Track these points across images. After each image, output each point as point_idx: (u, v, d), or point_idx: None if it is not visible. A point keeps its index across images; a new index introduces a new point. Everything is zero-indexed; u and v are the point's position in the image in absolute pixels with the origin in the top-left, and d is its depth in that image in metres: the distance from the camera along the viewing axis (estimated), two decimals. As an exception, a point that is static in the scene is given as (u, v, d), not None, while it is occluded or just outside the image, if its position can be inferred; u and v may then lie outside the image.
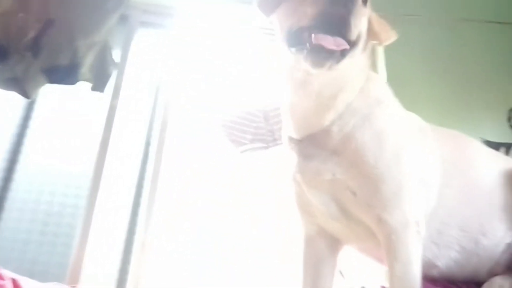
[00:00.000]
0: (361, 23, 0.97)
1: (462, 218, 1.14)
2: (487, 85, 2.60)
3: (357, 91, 1.08)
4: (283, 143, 1.21)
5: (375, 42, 1.14)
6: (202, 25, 2.70)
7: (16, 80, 2.09)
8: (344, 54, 0.94)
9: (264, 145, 2.39)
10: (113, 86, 2.36)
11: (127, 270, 2.09)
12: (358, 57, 1.04)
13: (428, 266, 1.08)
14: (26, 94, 2.14)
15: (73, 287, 1.70)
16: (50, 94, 2.31)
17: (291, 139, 1.14)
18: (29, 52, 2.09)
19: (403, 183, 1.03)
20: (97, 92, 2.28)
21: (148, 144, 2.36)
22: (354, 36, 0.95)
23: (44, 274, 2.01)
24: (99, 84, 2.28)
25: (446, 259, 1.13)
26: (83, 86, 2.27)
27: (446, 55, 2.65)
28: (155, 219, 2.21)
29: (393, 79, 1.36)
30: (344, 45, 0.93)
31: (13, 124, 2.25)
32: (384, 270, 1.05)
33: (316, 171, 1.06)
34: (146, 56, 2.56)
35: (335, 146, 1.05)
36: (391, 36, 1.13)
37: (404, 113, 1.18)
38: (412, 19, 2.57)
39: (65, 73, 2.16)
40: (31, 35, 2.09)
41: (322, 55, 0.92)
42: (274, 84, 2.46)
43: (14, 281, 1.20)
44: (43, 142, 2.28)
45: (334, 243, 1.24)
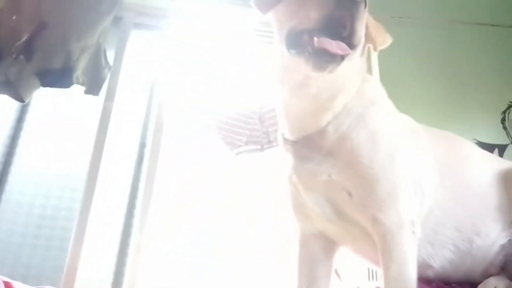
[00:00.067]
0: (362, 27, 0.97)
1: (457, 219, 1.14)
2: (480, 86, 2.62)
3: (354, 93, 1.08)
4: (279, 144, 1.21)
5: (370, 46, 1.14)
6: (197, 26, 2.70)
7: (9, 84, 2.07)
8: (344, 57, 0.93)
9: (259, 147, 2.40)
10: (107, 88, 2.35)
11: (123, 273, 2.08)
12: (356, 59, 1.05)
13: (423, 266, 1.09)
14: (19, 98, 2.12)
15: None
16: (44, 96, 2.29)
17: (286, 140, 1.14)
18: (22, 55, 2.08)
19: (397, 183, 1.03)
20: (91, 95, 2.28)
21: (143, 145, 2.35)
22: (357, 40, 0.95)
23: (39, 278, 1.99)
24: (93, 88, 2.27)
25: (441, 260, 1.14)
26: (77, 89, 2.26)
27: (440, 57, 2.67)
28: (151, 221, 2.20)
29: (386, 80, 1.36)
30: (347, 50, 0.92)
31: (7, 126, 2.23)
32: (379, 271, 1.05)
33: (312, 172, 1.06)
34: (141, 57, 2.55)
35: (331, 147, 1.05)
36: (387, 40, 1.14)
37: (398, 114, 1.18)
38: (406, 21, 2.59)
39: (58, 76, 2.15)
40: (24, 38, 2.07)
41: (324, 59, 0.92)
42: (269, 86, 2.46)
43: (7, 284, 1.19)
44: (37, 144, 2.26)
45: (330, 245, 1.23)
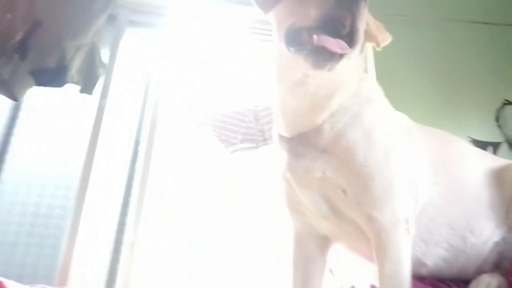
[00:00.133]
0: (361, 26, 0.97)
1: (450, 217, 1.15)
2: (475, 85, 2.63)
3: (351, 92, 1.08)
4: (274, 142, 1.21)
5: (372, 44, 1.15)
6: (192, 24, 2.69)
7: (3, 83, 2.06)
8: (343, 55, 0.93)
9: (254, 145, 2.39)
10: (101, 86, 2.34)
11: (116, 271, 2.07)
12: (355, 58, 1.05)
13: (417, 264, 1.09)
14: (13, 97, 2.11)
15: (61, 288, 1.69)
16: (37, 93, 2.28)
17: (281, 137, 1.14)
18: (16, 54, 2.07)
19: (392, 181, 1.03)
20: (86, 94, 2.27)
21: (137, 143, 2.35)
22: (356, 39, 0.95)
23: (33, 276, 1.99)
24: (87, 87, 2.26)
25: (434, 257, 1.14)
26: (70, 87, 2.25)
27: (434, 55, 2.68)
28: (145, 219, 2.19)
29: (381, 78, 1.37)
30: (347, 48, 0.92)
31: (0, 125, 2.22)
32: (374, 269, 1.05)
33: (307, 169, 1.06)
34: (135, 55, 2.54)
35: (326, 145, 1.05)
36: (387, 38, 1.15)
37: (394, 112, 1.18)
38: (400, 19, 2.59)
39: (53, 75, 2.14)
40: (18, 37, 2.06)
41: (323, 57, 0.92)
42: (265, 83, 2.46)
43: (0, 283, 1.18)
44: (31, 142, 2.25)
45: (324, 242, 1.24)
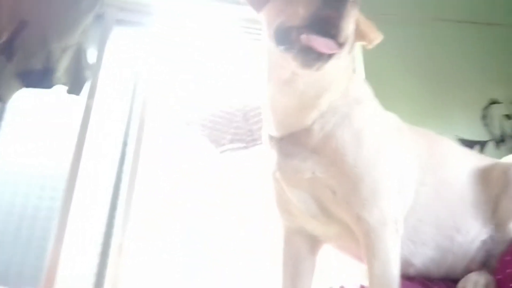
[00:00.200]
0: (350, 25, 0.98)
1: (437, 216, 1.16)
2: (462, 84, 2.66)
3: (340, 91, 1.09)
4: (263, 141, 1.20)
5: (363, 43, 1.15)
6: (180, 23, 2.68)
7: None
8: (331, 55, 0.94)
9: (244, 145, 2.39)
10: (88, 86, 2.32)
11: (104, 274, 2.05)
12: (343, 58, 1.05)
13: (405, 264, 1.09)
14: (0, 98, 2.08)
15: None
16: (24, 93, 2.25)
17: (271, 137, 1.13)
18: (2, 55, 2.04)
19: (381, 182, 1.04)
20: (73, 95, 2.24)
21: (125, 144, 2.33)
22: (344, 39, 0.95)
23: (19, 278, 1.97)
24: (75, 88, 2.24)
25: (422, 257, 1.15)
26: (57, 87, 2.22)
27: (421, 54, 2.70)
28: (133, 221, 2.17)
29: (370, 78, 1.38)
30: (334, 48, 0.93)
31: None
32: (363, 269, 1.05)
33: (296, 169, 1.06)
34: (123, 54, 2.52)
35: (316, 145, 1.05)
36: (378, 37, 1.15)
37: (383, 112, 1.19)
38: (388, 18, 2.60)
39: (40, 77, 2.12)
40: (4, 38, 2.03)
41: (311, 56, 0.92)
42: (254, 83, 2.45)
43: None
44: (16, 143, 2.22)
45: (314, 242, 1.24)
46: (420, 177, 1.15)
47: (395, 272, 1.00)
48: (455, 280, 1.17)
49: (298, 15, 0.93)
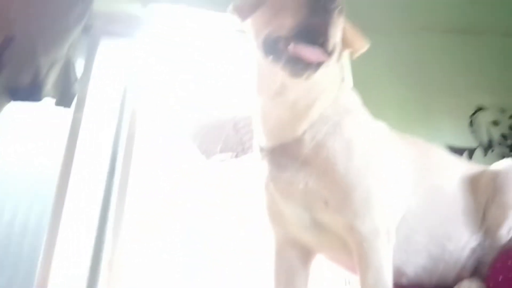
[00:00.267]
0: (337, 34, 0.98)
1: (429, 225, 1.16)
2: (449, 91, 2.69)
3: (330, 101, 1.09)
4: (255, 152, 1.20)
5: (350, 51, 1.16)
6: (168, 33, 2.67)
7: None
8: (320, 64, 0.94)
9: (234, 154, 2.38)
10: (77, 97, 2.30)
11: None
12: (332, 66, 1.06)
13: (397, 273, 1.09)
14: (-11, 113, 2.05)
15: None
16: (11, 106, 2.22)
17: (262, 148, 1.13)
18: (-10, 70, 2.01)
19: (373, 191, 1.04)
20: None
21: (115, 155, 2.31)
22: (331, 47, 0.96)
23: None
24: (64, 101, 2.22)
25: (414, 266, 1.15)
26: (46, 99, 2.20)
27: (409, 63, 2.73)
28: (123, 235, 2.15)
29: (358, 86, 1.38)
30: (322, 57, 0.93)
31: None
32: (356, 279, 1.05)
33: (289, 181, 1.06)
34: (111, 65, 2.51)
35: (307, 155, 1.05)
36: (365, 45, 1.15)
37: (373, 122, 1.19)
38: (376, 27, 2.62)
39: (28, 91, 2.10)
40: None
41: (300, 66, 0.93)
42: (243, 93, 2.45)
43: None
44: (5, 156, 2.19)
45: (306, 253, 1.23)
46: (412, 186, 1.15)
47: (388, 281, 1.00)
48: (447, 289, 1.17)
49: (285, 25, 0.94)
